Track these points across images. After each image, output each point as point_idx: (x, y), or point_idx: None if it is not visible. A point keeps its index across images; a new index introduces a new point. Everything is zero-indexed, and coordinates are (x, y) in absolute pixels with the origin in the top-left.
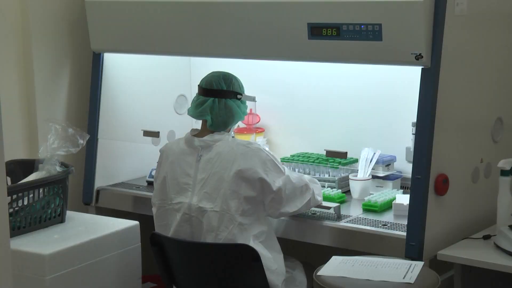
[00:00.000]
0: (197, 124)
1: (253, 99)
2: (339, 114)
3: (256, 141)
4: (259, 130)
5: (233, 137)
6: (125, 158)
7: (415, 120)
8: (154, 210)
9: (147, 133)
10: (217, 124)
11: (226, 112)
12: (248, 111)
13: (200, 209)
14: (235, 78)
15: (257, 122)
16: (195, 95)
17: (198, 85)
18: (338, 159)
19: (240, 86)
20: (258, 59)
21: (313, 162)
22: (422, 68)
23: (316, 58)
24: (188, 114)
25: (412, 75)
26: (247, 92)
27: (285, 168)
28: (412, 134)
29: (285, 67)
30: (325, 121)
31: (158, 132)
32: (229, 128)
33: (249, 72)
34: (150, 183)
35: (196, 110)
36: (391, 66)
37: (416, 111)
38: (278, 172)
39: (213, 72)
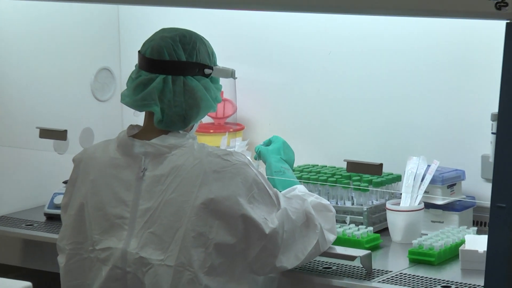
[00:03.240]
0: (138, 119)
1: (230, 74)
2: (368, 103)
3: (230, 146)
4: (236, 128)
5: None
6: (10, 176)
7: (495, 110)
8: (61, 260)
9: (45, 133)
10: (171, 120)
11: (187, 98)
12: (221, 96)
13: (142, 261)
14: (201, 40)
15: (231, 115)
16: (134, 69)
17: (139, 53)
18: (367, 176)
19: (210, 55)
20: (240, 9)
21: (326, 180)
22: (507, 23)
23: (338, 7)
24: (121, 101)
25: (489, 36)
26: (222, 63)
27: (279, 194)
28: (492, 133)
29: (282, 23)
30: (345, 114)
31: (65, 132)
32: (191, 126)
33: (224, 31)
34: (52, 217)
35: (136, 96)
36: (455, 21)
37: (499, 96)
38: (271, 203)
39: (163, 31)
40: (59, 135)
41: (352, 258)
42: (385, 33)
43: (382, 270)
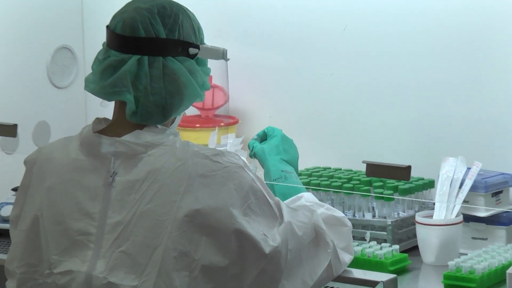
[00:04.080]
0: (106, 111)
1: (221, 55)
2: (392, 90)
3: (221, 144)
4: (229, 122)
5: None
6: None
7: None
8: (11, 286)
9: None
10: (147, 111)
11: (167, 84)
12: (210, 82)
13: (111, 286)
14: (185, 13)
15: (222, 105)
16: (101, 48)
17: (107, 29)
18: (391, 182)
19: (196, 31)
20: None
21: (341, 187)
22: None
23: None
24: (85, 88)
25: None
26: (211, 42)
27: (282, 204)
28: None
29: None
30: (364, 105)
31: (15, 127)
32: (172, 119)
33: (213, 2)
34: None
35: (103, 82)
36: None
37: None
38: (272, 215)
39: (138, 1)
40: (7, 130)
41: (373, 284)
42: (415, 6)
43: None
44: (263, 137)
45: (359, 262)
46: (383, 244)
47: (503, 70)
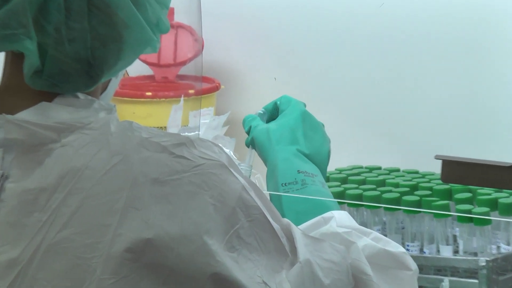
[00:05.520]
0: None
1: None
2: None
3: (190, 125)
4: (204, 89)
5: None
6: None
7: None
8: None
9: None
10: (60, 70)
11: (95, 23)
12: (170, 19)
13: None
14: None
15: (191, 59)
16: None
17: None
18: (486, 192)
19: None
20: None
21: (398, 201)
22: None
23: None
24: None
25: None
26: None
27: (295, 229)
28: None
29: None
30: (424, 67)
31: None
32: (104, 84)
33: None
34: None
35: None
36: None
37: None
38: (278, 249)
39: None
40: None
41: None
42: None
43: None
44: (272, 112)
45: None
46: None
47: None
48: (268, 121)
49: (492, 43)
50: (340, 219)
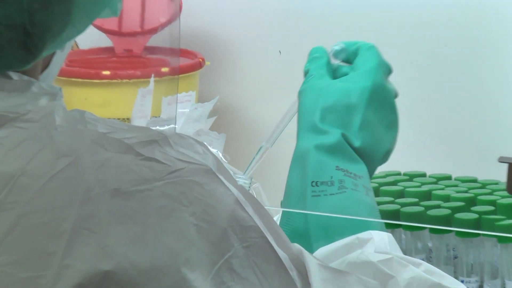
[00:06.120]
0: None
1: None
2: None
3: (164, 118)
4: (179, 66)
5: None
6: None
7: None
8: None
9: None
10: None
11: None
12: None
13: None
14: None
15: (163, 26)
16: None
17: None
18: None
19: None
20: None
21: (448, 220)
22: None
23: None
24: None
25: None
26: None
27: (309, 258)
28: None
29: None
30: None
31: None
32: (46, 59)
33: None
34: None
35: None
36: None
37: None
38: (284, 285)
39: None
40: None
41: None
42: None
43: None
44: (350, 56)
45: None
46: None
47: None
48: (335, 70)
49: None
50: (380, 243)
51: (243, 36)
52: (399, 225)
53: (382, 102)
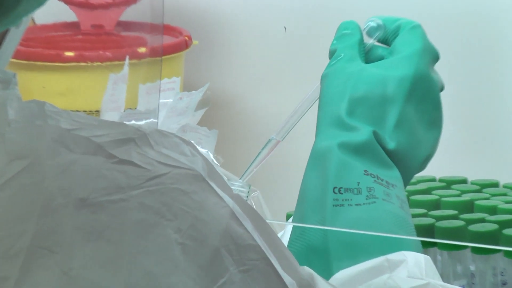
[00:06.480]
0: None
1: None
2: None
3: (141, 111)
4: (165, 44)
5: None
6: None
7: None
8: None
9: None
10: None
11: None
12: None
13: None
14: None
15: None
16: None
17: None
18: None
19: None
20: None
21: (495, 237)
22: None
23: None
24: None
25: None
26: None
27: (322, 284)
28: None
29: None
30: None
31: None
32: (1, 38)
33: None
34: None
35: None
36: None
37: None
38: None
39: None
40: None
41: None
42: None
43: None
44: (388, 35)
45: None
46: None
47: None
48: (369, 52)
49: None
50: (415, 267)
51: (239, 9)
52: (434, 244)
53: (424, 95)
